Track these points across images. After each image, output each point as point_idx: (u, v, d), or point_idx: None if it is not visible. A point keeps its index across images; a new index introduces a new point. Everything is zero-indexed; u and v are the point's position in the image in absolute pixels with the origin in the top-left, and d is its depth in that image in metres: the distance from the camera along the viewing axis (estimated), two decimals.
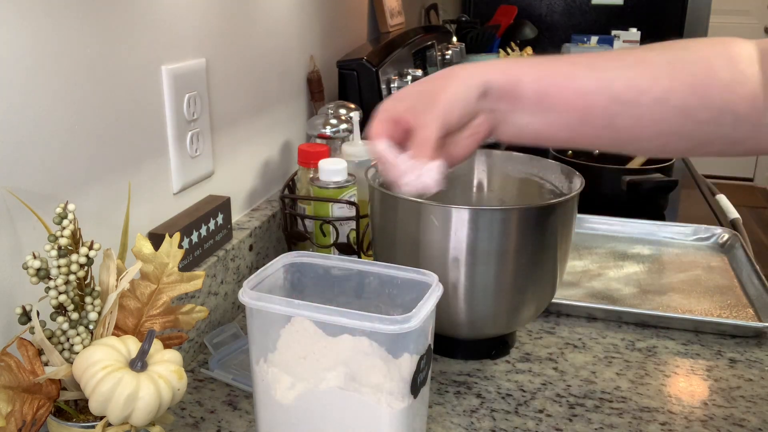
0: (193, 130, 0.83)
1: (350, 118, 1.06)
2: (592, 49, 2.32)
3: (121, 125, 0.71)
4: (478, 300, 0.74)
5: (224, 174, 0.93)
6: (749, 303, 0.94)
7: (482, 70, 0.59)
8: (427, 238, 0.73)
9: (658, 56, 0.58)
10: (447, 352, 0.81)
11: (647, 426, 0.69)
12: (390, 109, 0.61)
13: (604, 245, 1.14)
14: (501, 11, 2.42)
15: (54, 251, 0.51)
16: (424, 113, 0.58)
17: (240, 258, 0.90)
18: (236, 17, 0.93)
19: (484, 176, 0.91)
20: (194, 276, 0.59)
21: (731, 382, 0.77)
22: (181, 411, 0.71)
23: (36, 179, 0.60)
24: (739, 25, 4.04)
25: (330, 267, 0.65)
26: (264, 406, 0.60)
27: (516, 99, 0.59)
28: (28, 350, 0.51)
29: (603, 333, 0.87)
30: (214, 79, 0.89)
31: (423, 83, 0.61)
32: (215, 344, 0.80)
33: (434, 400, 0.73)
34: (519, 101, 0.59)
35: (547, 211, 0.73)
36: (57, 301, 0.51)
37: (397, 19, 1.72)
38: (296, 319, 0.57)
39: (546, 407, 0.72)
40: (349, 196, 0.93)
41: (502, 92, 0.58)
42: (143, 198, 0.76)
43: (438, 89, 0.58)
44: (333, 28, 1.32)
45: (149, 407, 0.50)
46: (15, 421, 0.49)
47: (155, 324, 0.58)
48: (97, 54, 0.66)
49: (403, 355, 0.55)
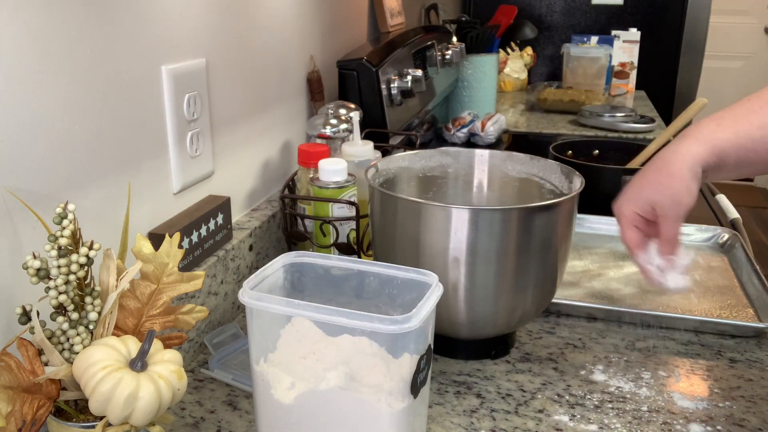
0: (193, 130, 0.83)
1: (350, 118, 1.06)
2: (592, 49, 2.32)
3: (121, 125, 0.71)
4: (478, 300, 0.74)
5: (224, 174, 0.93)
6: (749, 303, 0.94)
7: (693, 154, 0.68)
8: (427, 238, 0.73)
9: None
10: (447, 352, 0.81)
11: (647, 426, 0.69)
12: (630, 215, 0.72)
13: (604, 245, 1.14)
14: (501, 11, 2.42)
15: (54, 251, 0.50)
16: (663, 216, 0.69)
17: (240, 258, 0.90)
18: (236, 17, 0.93)
19: (484, 176, 0.91)
20: (194, 276, 0.59)
21: (731, 382, 0.77)
22: (181, 411, 0.71)
23: (36, 179, 0.60)
24: (739, 25, 4.04)
25: (330, 267, 0.65)
26: (264, 406, 0.60)
27: (719, 169, 0.69)
28: (28, 350, 0.51)
29: (603, 333, 0.87)
30: (214, 79, 0.89)
31: (643, 179, 0.72)
32: (215, 344, 0.80)
33: (434, 400, 0.73)
34: (721, 170, 0.70)
35: (547, 211, 0.73)
36: (57, 301, 0.51)
37: (397, 19, 1.72)
38: (296, 319, 0.57)
39: (546, 407, 0.72)
40: (349, 196, 0.93)
41: (709, 169, 0.69)
42: (143, 198, 0.76)
43: (663, 186, 0.69)
44: (333, 28, 1.32)
45: (149, 407, 0.50)
46: (15, 421, 0.49)
47: (155, 324, 0.58)
48: (97, 54, 0.66)
49: (403, 355, 0.55)
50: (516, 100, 2.41)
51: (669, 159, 0.69)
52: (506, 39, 2.54)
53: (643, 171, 0.72)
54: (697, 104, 1.18)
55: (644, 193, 0.71)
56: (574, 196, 0.75)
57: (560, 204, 0.73)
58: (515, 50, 2.60)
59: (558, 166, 0.84)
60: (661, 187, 0.69)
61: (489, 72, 1.99)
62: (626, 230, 0.73)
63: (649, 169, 0.71)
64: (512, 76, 2.56)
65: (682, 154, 0.68)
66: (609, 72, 2.43)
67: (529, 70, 2.66)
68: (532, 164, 0.88)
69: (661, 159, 0.70)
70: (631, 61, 2.45)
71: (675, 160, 0.68)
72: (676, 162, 0.68)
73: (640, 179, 0.72)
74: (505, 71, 2.55)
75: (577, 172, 0.81)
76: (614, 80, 2.45)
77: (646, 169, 0.72)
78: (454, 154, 0.91)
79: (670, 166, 0.69)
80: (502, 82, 2.54)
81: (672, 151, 0.69)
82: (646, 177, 0.71)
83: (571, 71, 2.36)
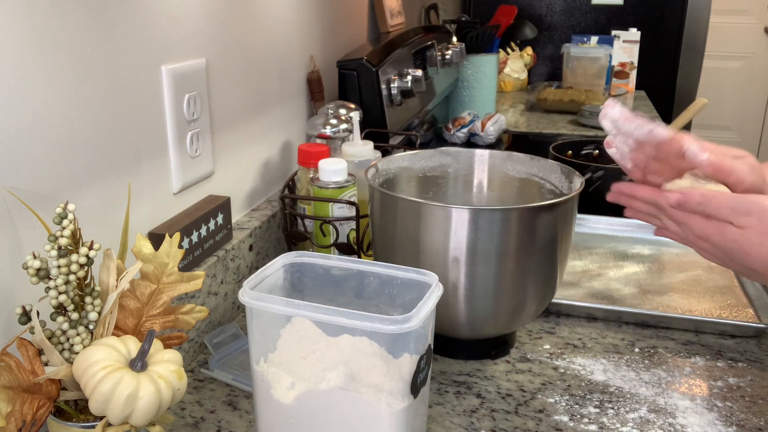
0: (193, 130, 0.83)
1: (350, 118, 1.06)
2: (592, 49, 2.32)
3: (121, 125, 0.71)
4: (478, 300, 0.74)
5: (224, 174, 0.93)
6: (749, 303, 0.94)
7: None
8: (427, 238, 0.73)
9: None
10: (447, 352, 0.81)
11: (647, 426, 0.69)
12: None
13: (604, 245, 1.14)
14: (501, 11, 2.42)
15: (54, 251, 0.50)
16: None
17: (240, 258, 0.90)
18: (236, 17, 0.93)
19: (484, 176, 0.91)
20: (194, 276, 0.59)
21: (731, 382, 0.77)
22: (181, 411, 0.71)
23: (36, 179, 0.60)
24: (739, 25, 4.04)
25: (330, 267, 0.65)
26: (264, 406, 0.60)
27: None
28: (28, 350, 0.51)
29: (603, 333, 0.87)
30: (214, 79, 0.89)
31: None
32: (215, 344, 0.80)
33: (434, 400, 0.73)
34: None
35: (547, 211, 0.73)
36: (57, 301, 0.51)
37: (397, 19, 1.72)
38: (296, 319, 0.57)
39: (546, 407, 0.72)
40: (349, 196, 0.93)
41: None
42: (143, 198, 0.76)
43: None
44: (333, 28, 1.32)
45: (149, 407, 0.50)
46: (15, 421, 0.49)
47: (155, 324, 0.58)
48: (97, 54, 0.66)
49: (403, 355, 0.55)
50: (516, 100, 2.41)
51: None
52: (506, 39, 2.54)
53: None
54: (697, 104, 1.18)
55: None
56: (574, 196, 0.75)
57: (560, 204, 0.73)
58: (515, 50, 2.60)
59: (558, 166, 0.84)
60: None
61: (489, 72, 1.99)
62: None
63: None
64: (512, 76, 2.56)
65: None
66: (609, 72, 2.43)
67: (529, 70, 2.66)
68: (532, 164, 0.88)
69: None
70: (631, 61, 2.45)
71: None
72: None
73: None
74: (505, 71, 2.55)
75: (577, 172, 0.81)
76: (614, 80, 2.46)
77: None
78: (454, 154, 0.91)
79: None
80: (502, 82, 2.54)
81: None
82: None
83: (571, 71, 2.36)
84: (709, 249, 0.65)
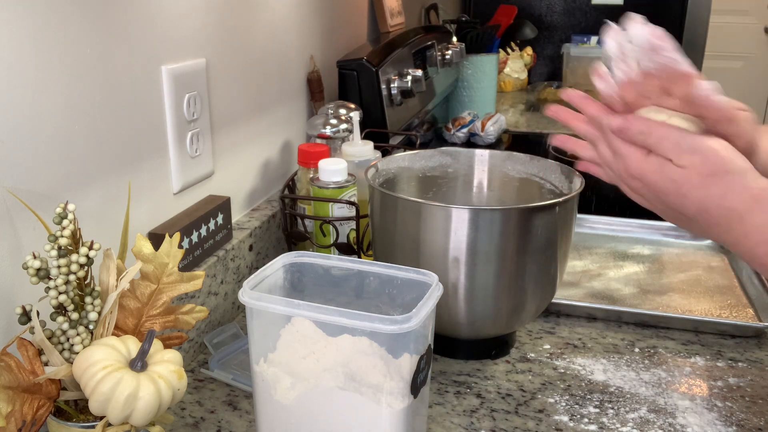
0: (193, 130, 0.83)
1: (350, 118, 1.06)
2: (592, 49, 2.32)
3: (121, 125, 0.71)
4: (478, 300, 0.74)
5: (224, 174, 0.93)
6: (749, 303, 0.94)
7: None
8: (427, 238, 0.73)
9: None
10: (447, 352, 0.81)
11: (647, 426, 0.69)
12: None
13: (604, 245, 1.14)
14: (501, 11, 2.42)
15: (54, 251, 0.50)
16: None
17: (240, 258, 0.90)
18: (236, 17, 0.93)
19: (484, 176, 0.91)
20: (194, 276, 0.59)
21: (731, 382, 0.77)
22: (181, 411, 0.71)
23: (36, 179, 0.60)
24: (739, 25, 4.04)
25: (330, 267, 0.65)
26: (264, 406, 0.60)
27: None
28: (28, 350, 0.51)
29: (603, 333, 0.87)
30: (214, 79, 0.89)
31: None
32: (215, 344, 0.80)
33: (434, 400, 0.73)
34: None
35: (547, 211, 0.73)
36: (57, 301, 0.51)
37: (397, 19, 1.72)
38: (296, 319, 0.57)
39: (546, 407, 0.72)
40: (349, 196, 0.93)
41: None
42: (143, 198, 0.76)
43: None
44: (333, 28, 1.32)
45: (149, 407, 0.50)
46: (15, 421, 0.49)
47: (155, 324, 0.58)
48: (97, 54, 0.66)
49: (403, 355, 0.55)
50: (516, 100, 2.41)
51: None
52: (506, 39, 2.54)
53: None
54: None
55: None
56: (574, 196, 0.75)
57: (560, 204, 0.73)
58: (515, 50, 2.60)
59: (558, 166, 0.84)
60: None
61: (489, 72, 1.99)
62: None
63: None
64: (512, 76, 2.56)
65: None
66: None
67: (529, 70, 2.66)
68: (532, 164, 0.88)
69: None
70: None
71: None
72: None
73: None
74: (505, 71, 2.55)
75: (577, 172, 0.81)
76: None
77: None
78: (454, 154, 0.91)
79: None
80: (502, 82, 2.54)
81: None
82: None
83: (571, 71, 2.36)
84: (639, 189, 0.60)
